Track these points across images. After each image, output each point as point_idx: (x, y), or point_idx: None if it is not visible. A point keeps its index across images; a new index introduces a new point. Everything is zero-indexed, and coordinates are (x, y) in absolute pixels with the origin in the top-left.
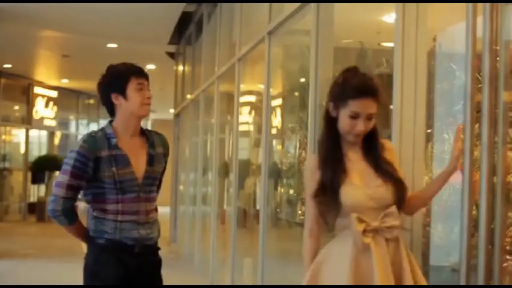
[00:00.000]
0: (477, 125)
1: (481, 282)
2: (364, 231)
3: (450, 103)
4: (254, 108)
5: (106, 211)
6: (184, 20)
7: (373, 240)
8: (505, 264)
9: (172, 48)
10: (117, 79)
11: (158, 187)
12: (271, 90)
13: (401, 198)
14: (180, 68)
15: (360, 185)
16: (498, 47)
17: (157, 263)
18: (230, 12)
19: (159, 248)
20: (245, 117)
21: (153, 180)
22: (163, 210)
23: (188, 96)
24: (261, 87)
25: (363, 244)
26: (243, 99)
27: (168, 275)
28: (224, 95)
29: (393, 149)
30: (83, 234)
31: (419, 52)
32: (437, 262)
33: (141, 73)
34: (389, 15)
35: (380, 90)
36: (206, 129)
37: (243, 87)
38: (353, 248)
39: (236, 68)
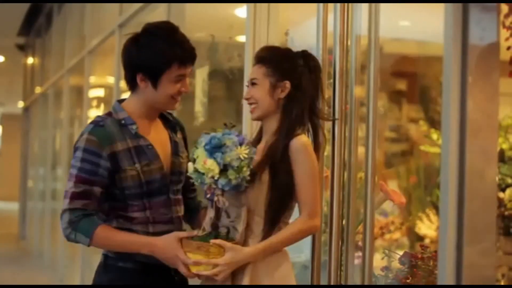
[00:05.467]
0: None
1: (332, 278)
2: None
3: None
4: (104, 102)
5: (132, 220)
6: (34, 11)
7: None
8: (356, 261)
9: (21, 40)
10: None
11: (191, 186)
12: (121, 83)
13: None
14: (30, 60)
15: None
16: (349, 42)
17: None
18: (81, 3)
19: None
20: (95, 111)
21: (179, 176)
22: (12, 206)
23: (38, 90)
24: (111, 80)
25: None
26: (93, 93)
27: (16, 274)
28: (74, 88)
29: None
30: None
31: None
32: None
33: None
34: (241, 9)
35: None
36: (56, 123)
37: (93, 80)
38: None
39: (86, 61)
